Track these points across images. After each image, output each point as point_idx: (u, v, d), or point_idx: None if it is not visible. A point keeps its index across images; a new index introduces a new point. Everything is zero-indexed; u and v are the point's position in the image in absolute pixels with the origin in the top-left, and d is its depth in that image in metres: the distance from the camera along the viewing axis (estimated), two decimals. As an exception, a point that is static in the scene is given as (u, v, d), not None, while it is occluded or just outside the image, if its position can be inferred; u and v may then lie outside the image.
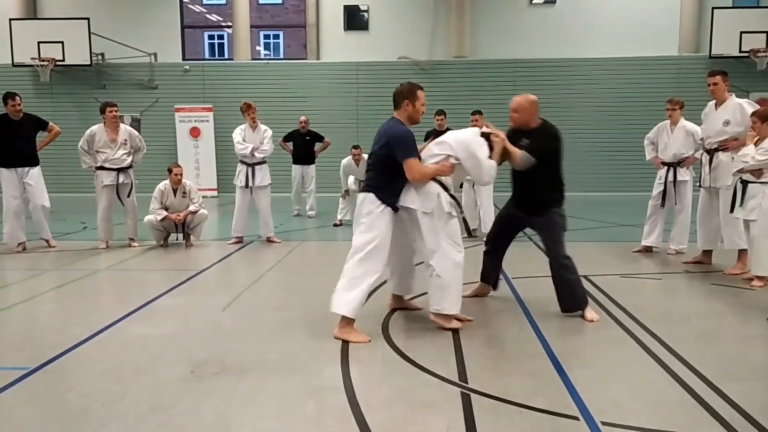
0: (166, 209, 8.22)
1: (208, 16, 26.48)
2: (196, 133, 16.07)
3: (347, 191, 10.22)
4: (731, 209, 6.20)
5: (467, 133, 4.93)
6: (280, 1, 27.90)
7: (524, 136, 5.13)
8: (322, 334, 4.60)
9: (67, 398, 3.53)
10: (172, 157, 15.15)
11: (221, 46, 28.99)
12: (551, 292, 5.12)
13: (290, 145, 11.73)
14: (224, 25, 25.46)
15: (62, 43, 15.31)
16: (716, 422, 3.17)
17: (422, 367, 3.92)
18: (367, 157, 5.33)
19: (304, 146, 11.69)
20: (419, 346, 4.33)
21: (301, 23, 18.27)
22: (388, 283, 5.21)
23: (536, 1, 16.69)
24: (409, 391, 3.59)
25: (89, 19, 15.54)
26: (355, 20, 17.03)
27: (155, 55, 16.63)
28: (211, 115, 16.03)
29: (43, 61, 15.25)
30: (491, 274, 5.52)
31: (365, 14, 17.00)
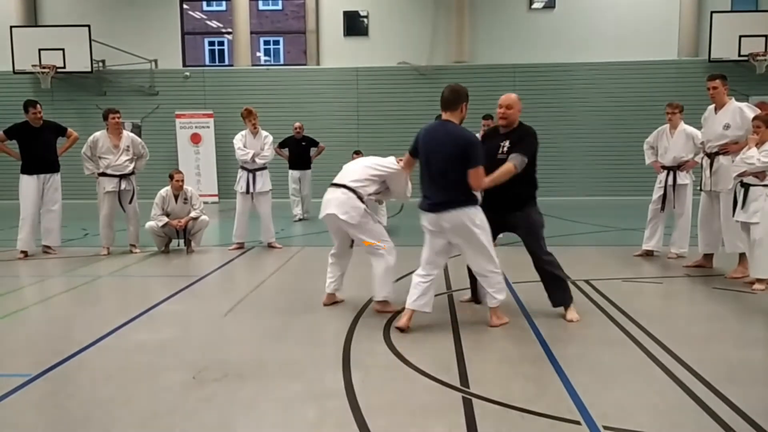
0: (167, 215, 8.23)
1: (208, 22, 26.50)
2: (196, 139, 16.10)
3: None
4: (733, 212, 6.20)
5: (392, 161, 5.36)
6: (280, 7, 27.94)
7: (504, 136, 5.08)
8: (323, 339, 4.60)
9: (69, 405, 3.54)
10: (173, 163, 15.17)
11: (221, 52, 29.03)
12: (552, 296, 5.13)
13: (286, 151, 11.83)
14: (224, 31, 25.50)
15: (63, 50, 15.35)
16: (718, 426, 3.17)
17: (423, 371, 3.93)
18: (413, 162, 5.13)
19: (300, 152, 11.80)
20: (420, 350, 4.33)
21: (300, 29, 18.31)
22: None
23: (535, 5, 16.72)
24: (410, 396, 3.59)
25: (90, 26, 15.58)
26: (354, 26, 17.08)
27: (156, 61, 16.66)
28: (211, 121, 16.05)
29: (44, 68, 15.29)
30: (475, 286, 5.46)
31: (365, 20, 17.05)
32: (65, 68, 15.45)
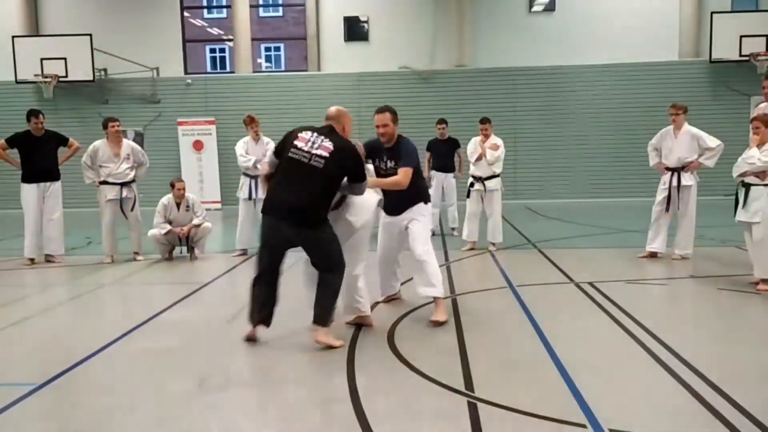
0: (169, 223, 8.24)
1: (209, 29, 26.59)
2: (199, 146, 16.13)
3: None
4: (734, 213, 6.19)
5: None
6: (280, 13, 28.02)
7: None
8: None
9: (75, 413, 3.54)
10: (175, 170, 15.20)
11: (223, 59, 29.12)
12: (556, 299, 5.12)
13: None
14: (225, 38, 25.57)
15: (65, 59, 15.39)
16: (724, 427, 3.15)
17: (428, 376, 3.92)
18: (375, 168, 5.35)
19: None
20: (425, 355, 4.32)
21: (301, 35, 18.35)
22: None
23: (536, 8, 16.74)
24: (415, 400, 3.58)
25: (91, 35, 15.63)
26: (355, 31, 17.11)
27: (157, 69, 16.71)
28: (213, 128, 16.08)
29: (46, 77, 15.34)
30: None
31: (365, 25, 17.08)
32: (67, 77, 15.49)
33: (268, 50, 29.92)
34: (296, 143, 4.50)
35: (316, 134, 4.55)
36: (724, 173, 7.37)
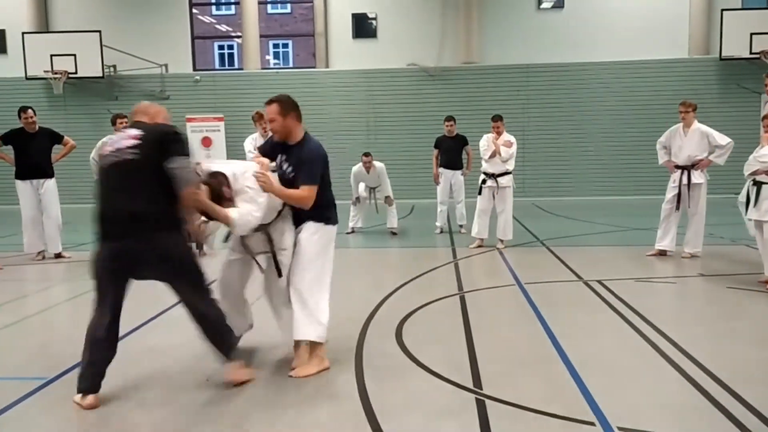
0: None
1: (217, 26, 26.66)
2: (207, 142, 16.17)
3: (358, 198, 10.24)
4: (745, 211, 6.16)
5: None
6: (288, 10, 28.04)
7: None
8: (335, 340, 4.60)
9: (84, 408, 3.56)
10: (183, 167, 15.22)
11: (231, 56, 29.17)
12: (564, 296, 5.11)
13: None
14: (234, 35, 25.63)
15: (75, 55, 15.46)
16: (732, 425, 3.15)
17: (436, 373, 3.93)
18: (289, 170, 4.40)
19: None
20: (432, 351, 4.33)
21: (309, 32, 18.35)
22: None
23: (544, 5, 16.68)
24: (423, 397, 3.59)
25: (101, 31, 15.70)
26: (363, 28, 17.09)
27: (166, 66, 16.76)
28: (222, 124, 16.12)
29: (55, 73, 15.41)
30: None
31: (373, 22, 17.06)
32: (77, 74, 15.56)
33: (276, 47, 29.96)
34: (101, 154, 4.02)
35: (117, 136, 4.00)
36: (734, 171, 7.34)
